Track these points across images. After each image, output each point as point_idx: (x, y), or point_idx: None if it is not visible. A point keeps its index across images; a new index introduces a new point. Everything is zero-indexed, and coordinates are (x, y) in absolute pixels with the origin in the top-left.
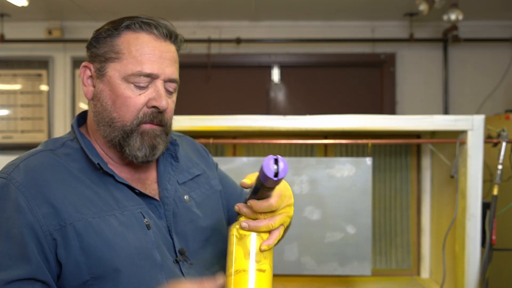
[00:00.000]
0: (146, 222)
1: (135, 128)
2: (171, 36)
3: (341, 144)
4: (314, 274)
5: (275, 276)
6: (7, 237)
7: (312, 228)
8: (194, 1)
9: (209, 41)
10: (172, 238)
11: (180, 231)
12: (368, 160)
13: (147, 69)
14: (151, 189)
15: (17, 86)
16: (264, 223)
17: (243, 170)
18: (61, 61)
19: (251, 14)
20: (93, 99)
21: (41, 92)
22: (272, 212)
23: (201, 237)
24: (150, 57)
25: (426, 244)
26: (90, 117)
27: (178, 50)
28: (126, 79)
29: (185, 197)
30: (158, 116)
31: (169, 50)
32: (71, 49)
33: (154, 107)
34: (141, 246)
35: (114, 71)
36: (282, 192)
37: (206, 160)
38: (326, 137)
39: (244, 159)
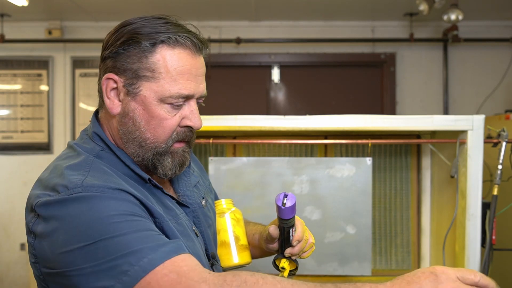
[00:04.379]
0: (194, 229)
1: (168, 148)
2: (203, 48)
3: (341, 144)
4: (314, 274)
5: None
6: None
7: (312, 228)
8: (194, 1)
9: (209, 41)
10: (205, 243)
11: (205, 235)
12: (368, 160)
13: (185, 90)
14: (174, 195)
15: (17, 86)
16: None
17: (243, 170)
18: (61, 61)
19: (251, 14)
20: (122, 115)
21: (41, 92)
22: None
23: (215, 240)
24: (188, 76)
25: (426, 244)
26: (112, 128)
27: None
28: (163, 100)
29: (203, 202)
30: (189, 135)
31: (202, 64)
32: (71, 49)
33: (187, 126)
34: (197, 254)
35: (149, 91)
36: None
37: (198, 163)
38: (326, 137)
39: (244, 159)
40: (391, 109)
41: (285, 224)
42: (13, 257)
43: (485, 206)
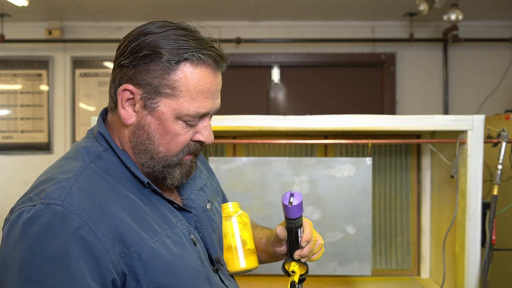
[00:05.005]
0: (192, 238)
1: (178, 161)
2: (223, 64)
3: (341, 144)
4: (314, 274)
5: (275, 276)
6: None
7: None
8: (194, 1)
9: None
10: (207, 248)
11: (208, 240)
12: (368, 160)
13: (203, 109)
14: (176, 200)
15: (17, 86)
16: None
17: (243, 170)
18: (61, 61)
19: (251, 14)
20: (136, 127)
21: (41, 92)
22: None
23: (221, 244)
24: (206, 95)
25: (426, 244)
26: (122, 136)
27: None
28: (180, 117)
29: (208, 206)
30: (199, 148)
31: (220, 80)
32: (71, 49)
33: (199, 141)
34: (195, 264)
35: (167, 108)
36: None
37: (206, 164)
38: (326, 137)
39: (244, 159)
40: (391, 109)
41: (293, 224)
42: None
43: (485, 206)
